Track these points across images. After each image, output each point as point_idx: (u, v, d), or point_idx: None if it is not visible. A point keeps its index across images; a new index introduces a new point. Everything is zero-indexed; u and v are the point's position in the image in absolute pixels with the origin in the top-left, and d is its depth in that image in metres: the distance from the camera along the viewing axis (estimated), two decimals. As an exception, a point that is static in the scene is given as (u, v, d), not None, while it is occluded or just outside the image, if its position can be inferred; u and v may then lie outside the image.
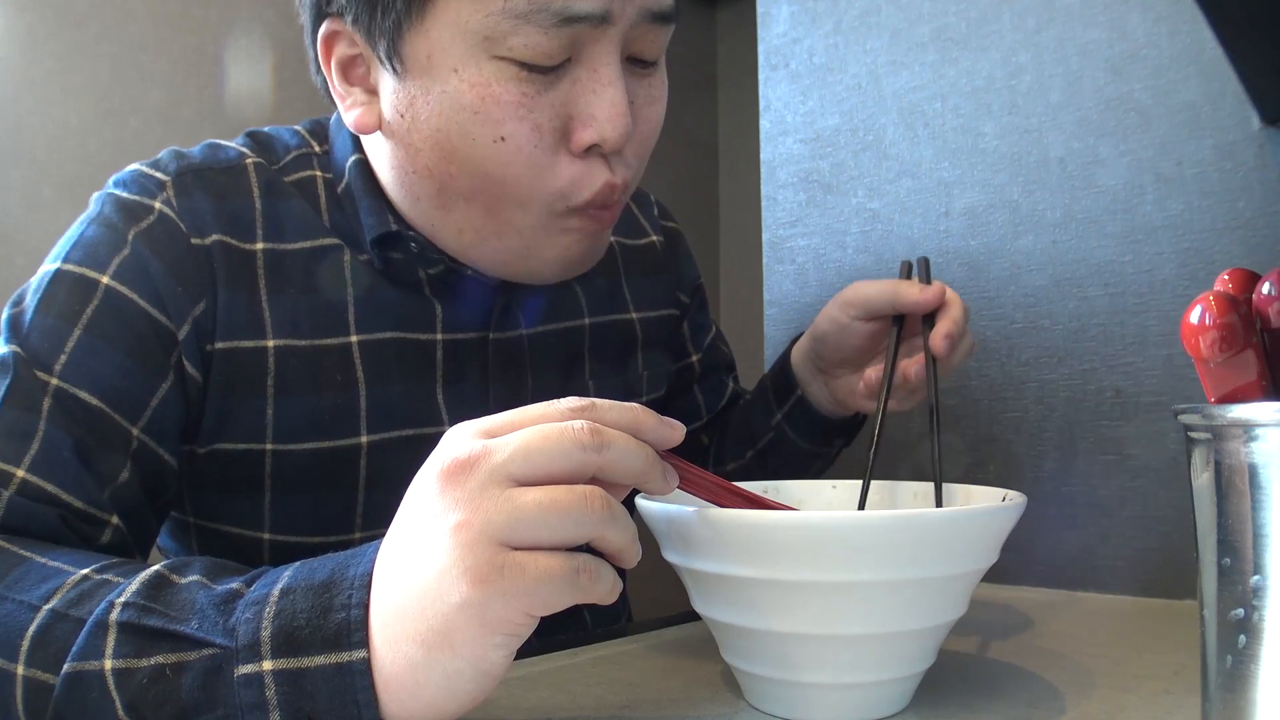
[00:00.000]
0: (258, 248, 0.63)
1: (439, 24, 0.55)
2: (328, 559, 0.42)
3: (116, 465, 0.56)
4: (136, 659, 0.40)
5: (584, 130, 0.57)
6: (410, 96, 0.57)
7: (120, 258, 0.59)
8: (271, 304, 0.62)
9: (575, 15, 0.53)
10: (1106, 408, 0.79)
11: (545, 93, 0.56)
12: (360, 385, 0.64)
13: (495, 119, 0.55)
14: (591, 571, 0.39)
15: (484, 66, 0.55)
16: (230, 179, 0.64)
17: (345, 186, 0.66)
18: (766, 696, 0.48)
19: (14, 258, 1.10)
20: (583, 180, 0.58)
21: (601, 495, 0.39)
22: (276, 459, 0.63)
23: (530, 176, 0.57)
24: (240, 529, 0.65)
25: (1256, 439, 0.35)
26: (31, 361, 0.55)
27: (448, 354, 0.67)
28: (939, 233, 0.89)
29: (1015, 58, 0.84)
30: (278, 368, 0.62)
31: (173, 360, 0.59)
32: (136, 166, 0.64)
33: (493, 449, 0.39)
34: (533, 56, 0.54)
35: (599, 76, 0.56)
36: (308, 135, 0.69)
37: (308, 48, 0.63)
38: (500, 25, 0.53)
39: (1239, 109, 0.73)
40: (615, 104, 0.56)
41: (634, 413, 0.42)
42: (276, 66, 1.30)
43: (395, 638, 0.38)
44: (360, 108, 0.61)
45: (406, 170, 0.61)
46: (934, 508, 0.57)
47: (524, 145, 0.56)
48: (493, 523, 0.37)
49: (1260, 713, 0.35)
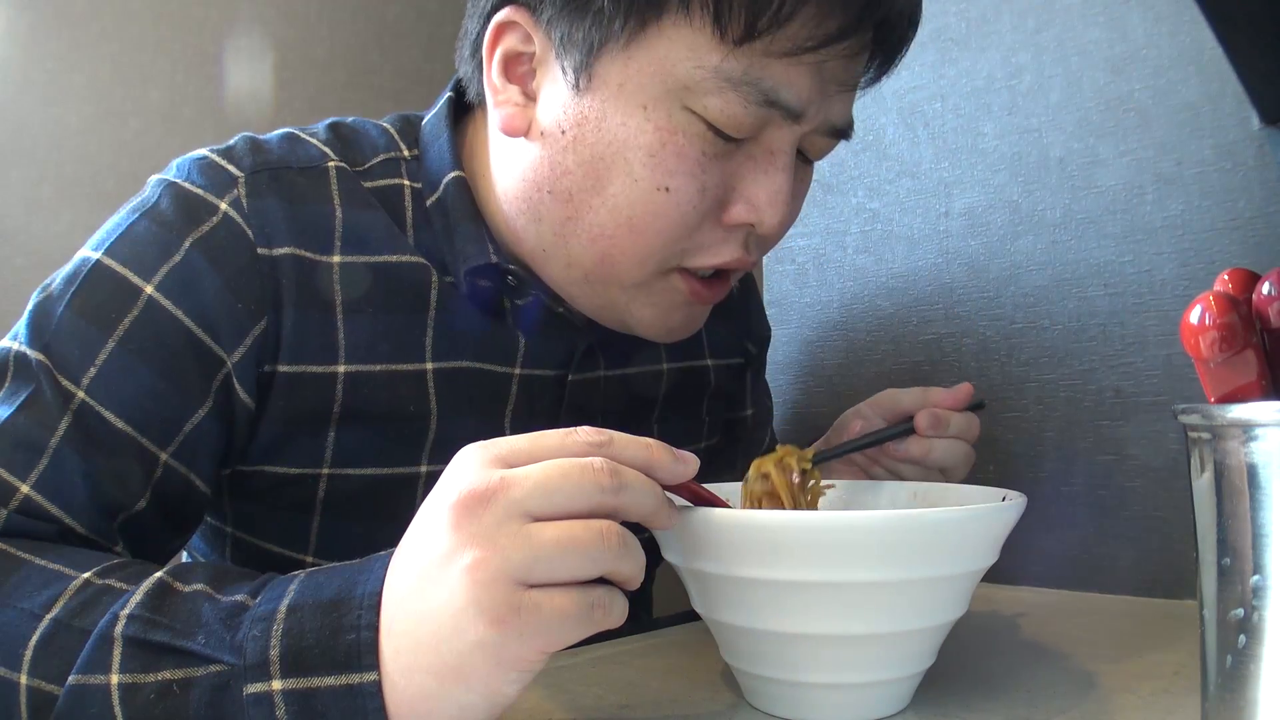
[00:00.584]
0: (335, 260, 0.58)
1: (645, 56, 0.52)
2: (334, 572, 0.42)
3: (133, 494, 0.52)
4: (143, 674, 0.40)
5: (742, 207, 0.56)
6: (582, 115, 0.54)
7: (169, 265, 0.54)
8: (346, 324, 0.58)
9: (777, 101, 0.53)
10: (1106, 408, 0.78)
11: (720, 160, 0.55)
12: (432, 416, 0.61)
13: (668, 168, 0.53)
14: (605, 605, 0.39)
15: (675, 114, 0.53)
16: (309, 181, 0.58)
17: (438, 202, 0.61)
18: (766, 696, 0.48)
19: (14, 258, 1.10)
20: (714, 248, 0.57)
21: (617, 531, 0.39)
22: (331, 483, 0.59)
23: (672, 233, 0.55)
24: (282, 548, 0.61)
25: (1256, 439, 0.35)
26: (58, 369, 0.51)
27: (522, 389, 0.64)
28: (939, 233, 0.89)
29: (1015, 58, 0.84)
30: (346, 395, 0.58)
31: (215, 385, 0.54)
32: (205, 153, 0.58)
33: (511, 482, 0.38)
34: (724, 123, 0.53)
35: (774, 161, 0.55)
36: (397, 136, 0.64)
37: (470, 27, 0.59)
38: (706, 82, 0.52)
39: (1239, 109, 0.73)
40: (781, 192, 0.55)
41: (649, 450, 0.42)
42: (277, 66, 1.30)
43: (408, 667, 0.38)
44: (514, 108, 0.57)
45: (542, 188, 0.57)
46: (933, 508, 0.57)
47: (683, 202, 0.54)
48: (510, 561, 0.37)
49: (1260, 713, 0.35)
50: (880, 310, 0.93)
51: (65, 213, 1.13)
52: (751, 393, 0.86)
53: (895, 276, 0.93)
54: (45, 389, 0.51)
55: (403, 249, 0.60)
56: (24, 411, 0.50)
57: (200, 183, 0.56)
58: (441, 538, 0.38)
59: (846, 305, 0.97)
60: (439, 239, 0.61)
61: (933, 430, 0.64)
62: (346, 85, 1.34)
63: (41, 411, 0.50)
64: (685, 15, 0.51)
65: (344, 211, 0.59)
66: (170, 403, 0.53)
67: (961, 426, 0.65)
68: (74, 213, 0.68)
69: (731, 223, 0.56)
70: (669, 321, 0.61)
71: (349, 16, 1.35)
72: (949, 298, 0.88)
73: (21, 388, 0.51)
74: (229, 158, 0.58)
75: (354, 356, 0.58)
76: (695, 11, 0.51)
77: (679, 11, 0.51)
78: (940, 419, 0.64)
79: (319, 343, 0.57)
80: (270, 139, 0.60)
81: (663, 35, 0.52)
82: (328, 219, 0.58)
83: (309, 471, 0.59)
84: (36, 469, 0.50)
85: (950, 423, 0.65)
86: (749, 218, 0.56)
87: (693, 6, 0.51)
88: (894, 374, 0.92)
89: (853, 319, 0.96)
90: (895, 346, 0.92)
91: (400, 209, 0.61)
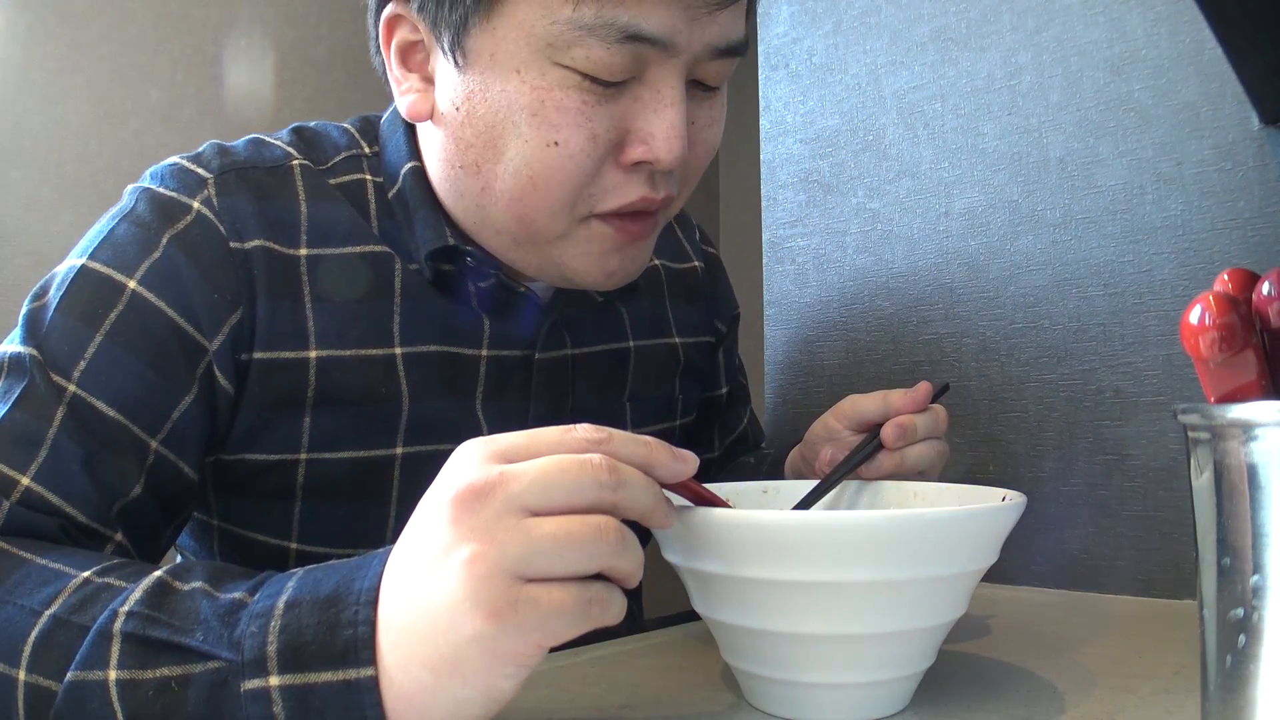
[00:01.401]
0: (301, 253, 0.61)
1: (506, 24, 0.54)
2: (333, 569, 0.42)
3: (129, 480, 0.54)
4: (141, 670, 0.40)
5: (637, 147, 0.56)
6: (468, 90, 0.56)
7: (150, 261, 0.57)
8: (315, 312, 0.61)
9: (639, 35, 0.53)
10: (1106, 408, 0.79)
11: (605, 104, 0.55)
12: (403, 398, 0.63)
13: (553, 123, 0.55)
14: (603, 601, 0.39)
15: (547, 72, 0.54)
16: (275, 180, 0.62)
17: (398, 193, 0.64)
18: (766, 696, 0.48)
19: (14, 258, 1.10)
20: (617, 190, 0.58)
21: (615, 527, 0.39)
22: (310, 468, 0.62)
23: (573, 183, 0.56)
24: (267, 536, 0.63)
25: (1256, 439, 0.35)
26: (49, 365, 0.53)
27: (490, 370, 0.66)
28: (939, 233, 0.89)
29: (1015, 58, 0.84)
30: (319, 380, 0.60)
31: (199, 372, 0.57)
32: (176, 160, 0.61)
33: (509, 477, 0.38)
34: (594, 69, 0.53)
35: (661, 97, 0.55)
36: (357, 135, 0.67)
37: (369, 27, 0.62)
38: (565, 35, 0.53)
39: (1239, 109, 0.73)
40: (674, 125, 0.55)
41: (648, 448, 0.42)
42: (277, 66, 1.30)
43: (405, 660, 0.38)
44: (415, 94, 0.60)
45: (454, 164, 0.60)
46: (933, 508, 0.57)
47: (576, 152, 0.55)
48: (508, 555, 0.37)
49: (1260, 713, 0.35)
50: (880, 310, 0.94)
51: (65, 213, 1.13)
52: (725, 371, 0.87)
53: (895, 276, 0.93)
54: (39, 383, 0.53)
55: (368, 239, 0.63)
56: (19, 406, 0.52)
57: (173, 186, 0.59)
58: (440, 532, 0.38)
59: (846, 305, 0.97)
60: (401, 229, 0.64)
61: (900, 442, 0.63)
62: (346, 85, 1.34)
63: (37, 405, 0.52)
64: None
65: (309, 206, 0.62)
66: (158, 391, 0.55)
67: (929, 426, 0.64)
68: (74, 213, 0.68)
69: (629, 161, 0.57)
70: (606, 266, 0.61)
71: (349, 16, 1.35)
72: (949, 298, 0.88)
73: (15, 385, 0.53)
74: (198, 162, 0.61)
75: (324, 342, 0.61)
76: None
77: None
78: (905, 428, 0.63)
79: (291, 329, 0.60)
80: (237, 144, 0.63)
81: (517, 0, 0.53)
82: (293, 214, 0.61)
83: (288, 457, 0.61)
84: (36, 461, 0.51)
85: (917, 427, 0.63)
86: (645, 155, 0.56)
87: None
88: (894, 374, 0.92)
89: (853, 319, 0.96)
90: (895, 346, 0.92)
91: (364, 202, 0.64)
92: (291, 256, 0.60)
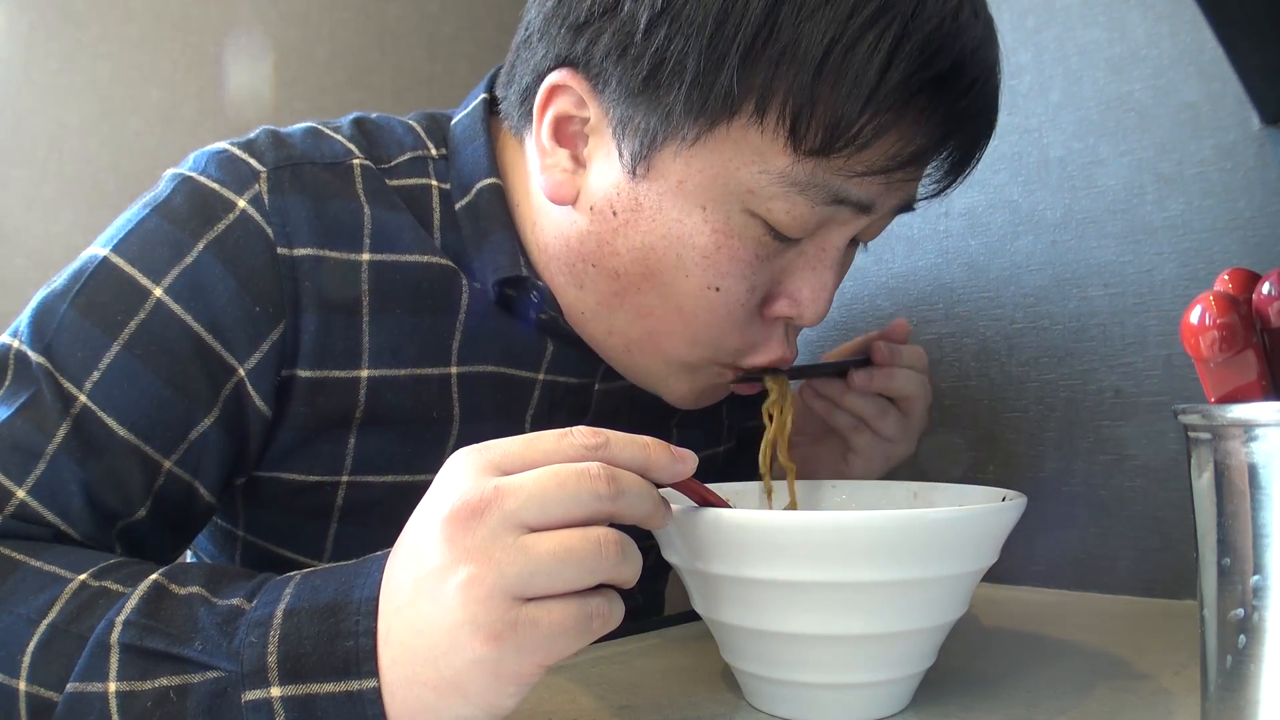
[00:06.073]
0: (364, 258, 0.55)
1: (709, 156, 0.51)
2: (329, 575, 0.41)
3: (132, 503, 0.51)
4: (140, 681, 0.40)
5: (784, 303, 0.55)
6: (636, 202, 0.53)
7: (181, 268, 0.51)
8: (373, 326, 0.56)
9: (846, 199, 0.51)
10: (1106, 408, 0.78)
11: (774, 258, 0.54)
12: (454, 420, 0.59)
13: (721, 270, 0.53)
14: (604, 615, 0.38)
15: (734, 216, 0.52)
16: (335, 178, 0.56)
17: (468, 206, 0.59)
18: (766, 696, 0.48)
19: (14, 258, 1.10)
20: (763, 346, 0.57)
21: (615, 540, 0.38)
22: (350, 490, 0.58)
23: (720, 328, 0.55)
24: (296, 554, 0.60)
25: (1256, 439, 0.35)
26: (60, 370, 0.49)
27: (544, 393, 0.63)
28: (939, 233, 0.89)
29: (1015, 58, 0.84)
30: (369, 400, 0.56)
31: (224, 394, 0.52)
32: (225, 146, 0.55)
33: (505, 492, 0.37)
34: (789, 225, 0.52)
35: (824, 258, 0.54)
36: (424, 134, 0.62)
37: (520, 71, 0.57)
38: (770, 187, 0.50)
39: (1239, 109, 0.73)
40: (826, 288, 0.55)
41: (646, 450, 0.41)
42: (277, 66, 1.30)
43: (406, 679, 0.38)
44: (563, 175, 0.55)
45: (589, 261, 0.56)
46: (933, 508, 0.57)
47: (733, 302, 0.54)
48: (506, 576, 0.36)
49: (1260, 713, 0.35)
50: (880, 310, 0.93)
51: (65, 213, 1.13)
52: None
53: (895, 276, 0.93)
54: (46, 393, 0.49)
55: (430, 250, 0.58)
56: (23, 415, 0.49)
57: (217, 177, 0.53)
58: (436, 551, 0.37)
59: (846, 305, 0.97)
60: (466, 243, 0.59)
61: (889, 360, 0.65)
62: (346, 85, 1.34)
63: (41, 416, 0.49)
64: (758, 122, 0.49)
65: (371, 209, 0.56)
66: (175, 411, 0.51)
67: (912, 357, 0.66)
68: (74, 213, 0.68)
69: (772, 316, 0.56)
70: (700, 398, 0.61)
71: (349, 16, 1.35)
72: (949, 298, 0.88)
73: (21, 390, 0.50)
74: (250, 151, 0.55)
75: (378, 360, 0.56)
76: (770, 120, 0.49)
77: (752, 117, 0.49)
78: (894, 349, 0.65)
79: (342, 346, 0.55)
80: (293, 132, 0.58)
81: (729, 138, 0.50)
82: (354, 216, 0.56)
83: (329, 479, 0.57)
84: (33, 474, 0.48)
85: (902, 354, 0.65)
86: (790, 312, 0.56)
87: (768, 115, 0.49)
88: (894, 374, 0.92)
89: (853, 319, 0.96)
90: (895, 346, 0.92)
91: (427, 210, 0.59)
92: (352, 263, 0.55)
